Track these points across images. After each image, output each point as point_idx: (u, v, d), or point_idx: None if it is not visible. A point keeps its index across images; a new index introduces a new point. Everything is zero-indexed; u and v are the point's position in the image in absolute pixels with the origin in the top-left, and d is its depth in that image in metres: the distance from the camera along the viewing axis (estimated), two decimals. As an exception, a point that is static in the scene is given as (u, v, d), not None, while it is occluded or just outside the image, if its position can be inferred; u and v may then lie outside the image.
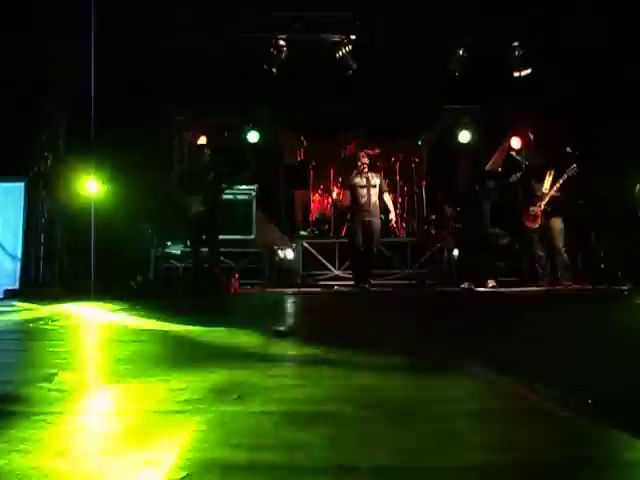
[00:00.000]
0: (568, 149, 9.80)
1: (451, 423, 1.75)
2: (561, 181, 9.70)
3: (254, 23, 10.77)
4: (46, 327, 4.78)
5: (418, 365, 2.76)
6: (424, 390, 2.22)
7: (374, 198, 9.79)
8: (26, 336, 4.33)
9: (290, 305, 6.97)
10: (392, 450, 1.53)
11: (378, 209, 9.84)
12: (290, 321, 5.01)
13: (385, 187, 10.11)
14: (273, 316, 5.48)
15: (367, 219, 9.68)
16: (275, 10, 10.77)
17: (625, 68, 10.09)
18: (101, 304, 7.13)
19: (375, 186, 9.81)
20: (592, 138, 10.16)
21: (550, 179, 9.85)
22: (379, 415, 1.85)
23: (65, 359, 3.09)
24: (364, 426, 1.78)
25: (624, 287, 9.63)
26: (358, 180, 9.83)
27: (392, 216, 10.09)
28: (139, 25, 10.43)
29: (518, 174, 9.83)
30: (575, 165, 9.62)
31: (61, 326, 4.91)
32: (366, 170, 9.86)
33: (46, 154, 10.23)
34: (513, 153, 9.92)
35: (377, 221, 9.75)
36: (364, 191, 9.76)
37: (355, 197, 9.89)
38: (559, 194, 9.78)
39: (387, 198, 10.07)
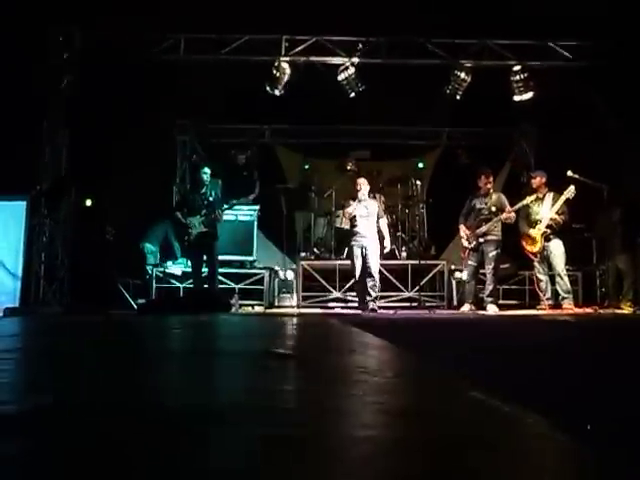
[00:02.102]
0: (569, 173, 9.79)
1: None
2: (560, 204, 9.68)
3: (257, 45, 10.83)
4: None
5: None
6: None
7: (371, 225, 9.89)
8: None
9: (289, 327, 6.94)
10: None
11: (376, 236, 9.90)
12: (289, 343, 4.98)
13: (382, 213, 10.20)
14: (272, 337, 5.46)
15: (364, 244, 9.74)
16: (279, 33, 10.85)
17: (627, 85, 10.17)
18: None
19: (372, 215, 9.90)
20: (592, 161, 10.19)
21: (549, 201, 9.83)
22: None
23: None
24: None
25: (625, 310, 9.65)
26: (357, 209, 9.89)
27: (386, 243, 10.05)
28: (141, 39, 10.52)
29: (532, 197, 9.80)
30: (573, 187, 9.61)
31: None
32: (365, 198, 9.95)
33: (48, 172, 10.28)
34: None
35: (374, 245, 9.78)
36: (363, 220, 9.86)
37: (353, 225, 9.99)
38: (556, 222, 9.75)
39: (383, 224, 10.11)
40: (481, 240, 9.83)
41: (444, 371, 2.72)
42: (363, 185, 10.05)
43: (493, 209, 9.87)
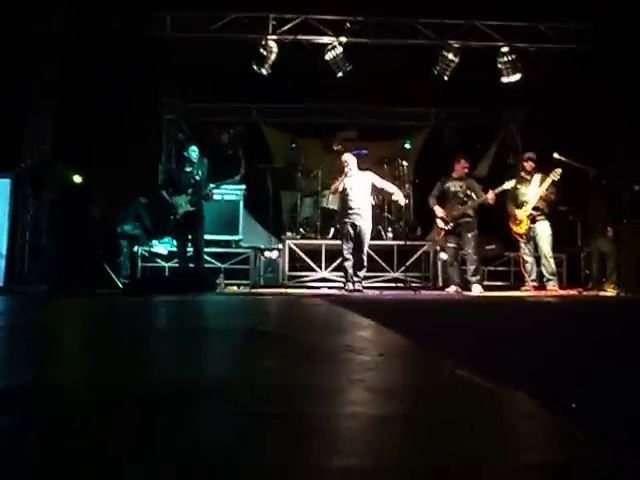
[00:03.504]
0: (555, 155, 9.80)
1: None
2: (546, 185, 9.70)
3: (245, 23, 10.77)
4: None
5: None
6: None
7: (363, 200, 9.66)
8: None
9: (274, 306, 6.95)
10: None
11: (369, 213, 9.74)
12: (275, 322, 4.99)
13: (378, 180, 9.90)
14: (257, 316, 5.47)
15: (357, 223, 9.56)
16: (266, 11, 10.79)
17: (616, 70, 10.19)
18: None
19: (365, 189, 9.68)
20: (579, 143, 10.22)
21: (537, 182, 9.85)
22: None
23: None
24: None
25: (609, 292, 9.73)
26: (347, 183, 9.64)
27: (397, 197, 9.95)
28: (127, 16, 10.44)
29: (512, 182, 9.82)
30: (560, 169, 9.63)
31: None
32: (353, 173, 9.71)
33: (32, 150, 10.21)
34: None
35: (367, 223, 9.64)
36: (353, 194, 9.61)
37: (344, 200, 9.75)
38: (545, 200, 9.79)
39: (387, 186, 9.98)
40: (458, 222, 9.84)
41: (429, 350, 2.74)
42: (349, 159, 9.76)
43: (468, 192, 9.89)
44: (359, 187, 9.62)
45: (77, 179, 10.63)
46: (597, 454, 1.21)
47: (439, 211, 9.93)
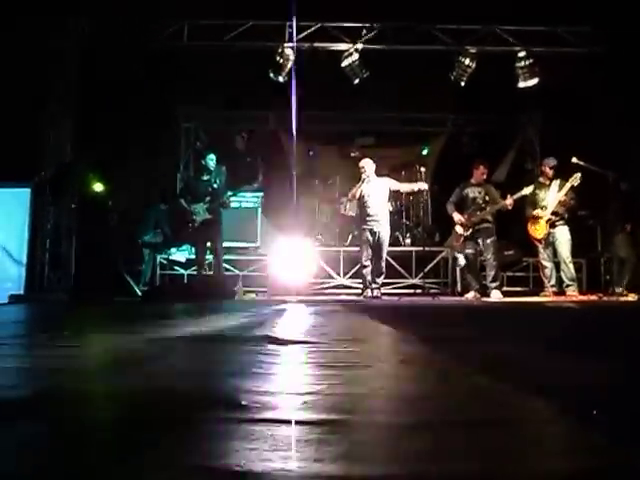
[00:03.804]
0: (574, 160, 9.75)
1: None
2: (565, 190, 9.67)
3: (261, 31, 10.80)
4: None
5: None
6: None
7: (381, 206, 9.68)
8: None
9: (292, 313, 6.94)
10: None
11: (386, 219, 9.74)
12: (293, 329, 4.98)
13: (395, 184, 9.90)
14: (276, 324, 5.47)
15: (375, 229, 9.57)
16: (283, 19, 10.82)
17: (633, 73, 10.12)
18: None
19: (382, 195, 9.69)
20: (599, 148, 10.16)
21: (555, 188, 9.82)
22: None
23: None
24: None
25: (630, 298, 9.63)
26: (365, 190, 9.66)
27: (418, 187, 10.00)
28: (145, 25, 10.51)
29: (531, 187, 9.78)
30: (579, 174, 9.59)
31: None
32: (371, 179, 9.73)
33: (52, 159, 10.29)
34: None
35: (385, 230, 9.65)
36: (371, 200, 9.63)
37: (362, 207, 9.77)
38: (564, 205, 9.74)
39: (402, 186, 10.01)
40: (476, 228, 9.81)
41: (449, 357, 2.72)
42: (367, 165, 9.81)
43: (487, 198, 9.87)
44: (377, 193, 9.64)
45: (98, 187, 10.71)
46: (617, 461, 1.20)
47: (458, 217, 9.90)
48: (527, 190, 9.75)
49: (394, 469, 1.15)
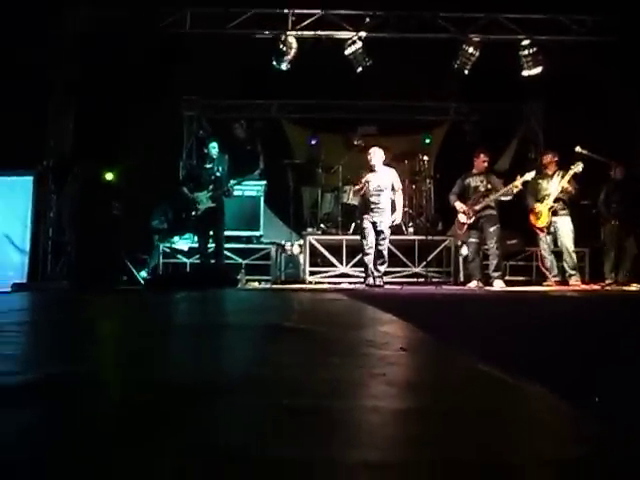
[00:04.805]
0: (577, 148, 9.74)
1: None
2: (567, 178, 9.66)
3: (264, 19, 10.77)
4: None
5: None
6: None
7: (385, 198, 9.68)
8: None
9: (295, 302, 6.96)
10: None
11: (389, 209, 9.74)
12: (296, 317, 5.00)
13: (398, 186, 9.91)
14: (279, 312, 5.48)
15: (376, 219, 9.58)
16: (286, 7, 10.78)
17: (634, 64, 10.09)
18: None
19: (386, 186, 9.69)
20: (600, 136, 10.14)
21: (558, 178, 9.81)
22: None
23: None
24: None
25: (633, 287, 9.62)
26: (371, 182, 9.66)
27: (396, 216, 9.85)
28: (147, 13, 10.49)
29: (533, 172, 9.75)
30: (581, 163, 9.59)
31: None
32: (379, 169, 9.74)
33: (54, 147, 10.29)
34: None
35: (386, 219, 9.65)
36: (375, 191, 9.63)
37: (366, 197, 9.78)
38: (566, 192, 9.74)
39: (397, 196, 9.94)
40: (479, 216, 9.80)
41: (450, 344, 2.73)
42: (376, 154, 9.79)
43: (489, 186, 9.85)
44: (381, 183, 9.64)
45: (109, 176, 10.71)
46: (617, 448, 1.20)
47: (460, 206, 9.90)
48: (529, 175, 9.70)
49: (393, 454, 1.16)
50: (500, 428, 1.33)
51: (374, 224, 9.60)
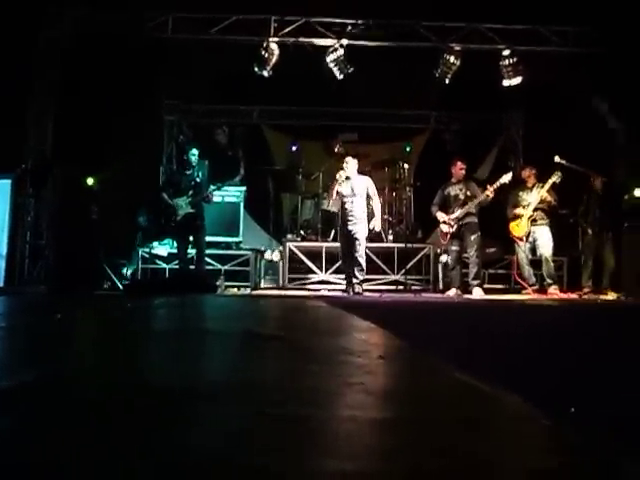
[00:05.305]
0: (557, 158, 9.82)
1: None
2: (547, 187, 9.73)
3: (246, 25, 10.77)
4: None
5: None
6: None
7: (358, 206, 9.67)
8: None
9: (274, 308, 6.95)
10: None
11: (364, 217, 9.72)
12: (275, 324, 4.99)
13: (373, 192, 9.94)
14: (258, 319, 5.47)
15: (350, 227, 9.59)
16: (268, 13, 10.78)
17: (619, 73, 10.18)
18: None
19: (360, 194, 9.69)
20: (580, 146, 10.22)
21: (537, 189, 9.88)
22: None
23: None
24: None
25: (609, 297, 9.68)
26: (344, 189, 9.69)
27: (374, 223, 9.84)
28: (129, 17, 10.46)
29: (510, 174, 9.81)
30: (559, 172, 9.66)
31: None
32: (352, 177, 9.74)
33: (33, 149, 10.23)
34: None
35: (362, 227, 9.63)
36: (349, 199, 9.67)
37: (341, 204, 9.82)
38: (546, 202, 9.81)
39: (374, 203, 9.94)
40: (460, 224, 9.84)
41: (428, 353, 2.73)
42: (349, 163, 9.79)
43: (468, 194, 9.89)
44: (355, 192, 9.64)
45: (90, 181, 10.65)
46: (592, 458, 1.21)
47: (441, 216, 9.94)
48: (506, 177, 9.76)
49: (370, 464, 1.16)
50: (477, 437, 1.34)
51: (349, 231, 9.60)
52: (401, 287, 10.91)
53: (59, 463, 1.12)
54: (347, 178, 9.69)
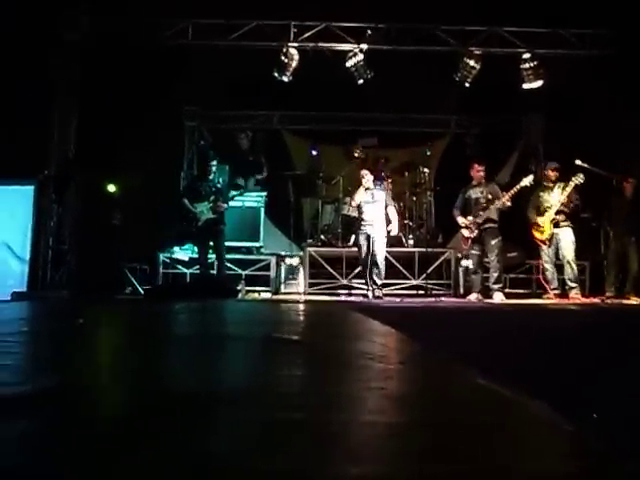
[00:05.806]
0: (577, 162, 9.75)
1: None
2: (568, 190, 9.66)
3: (266, 30, 10.80)
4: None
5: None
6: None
7: (378, 213, 9.80)
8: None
9: (295, 313, 6.95)
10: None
11: (383, 223, 9.83)
12: (296, 329, 4.98)
13: (390, 201, 10.05)
14: (279, 323, 5.47)
15: (369, 232, 9.67)
16: (287, 19, 10.82)
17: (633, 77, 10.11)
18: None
19: (379, 201, 9.82)
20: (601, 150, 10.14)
21: (559, 190, 9.81)
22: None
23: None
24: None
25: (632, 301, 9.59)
26: (364, 197, 9.82)
27: (392, 227, 9.92)
28: (149, 24, 10.54)
29: (530, 177, 9.76)
30: (582, 174, 9.58)
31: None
32: (371, 187, 9.86)
33: (56, 157, 10.31)
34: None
35: (380, 233, 9.72)
36: (369, 207, 9.79)
37: (360, 212, 9.93)
38: (568, 204, 9.74)
39: (390, 211, 10.01)
40: (481, 228, 9.81)
41: (450, 358, 2.72)
42: (366, 176, 9.99)
43: (489, 197, 9.85)
44: (375, 197, 9.78)
45: (111, 188, 10.73)
46: (614, 464, 1.20)
47: (462, 221, 9.92)
48: (527, 180, 9.72)
49: (392, 469, 1.16)
50: (499, 442, 1.33)
51: (367, 238, 9.69)
52: (422, 292, 10.86)
53: (84, 466, 1.13)
54: (367, 189, 9.82)
